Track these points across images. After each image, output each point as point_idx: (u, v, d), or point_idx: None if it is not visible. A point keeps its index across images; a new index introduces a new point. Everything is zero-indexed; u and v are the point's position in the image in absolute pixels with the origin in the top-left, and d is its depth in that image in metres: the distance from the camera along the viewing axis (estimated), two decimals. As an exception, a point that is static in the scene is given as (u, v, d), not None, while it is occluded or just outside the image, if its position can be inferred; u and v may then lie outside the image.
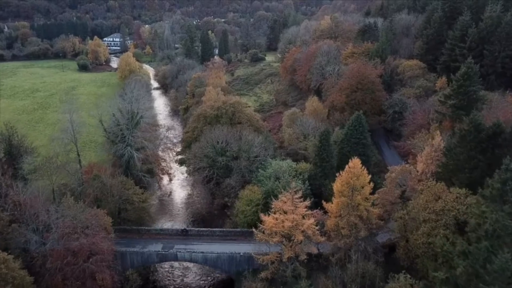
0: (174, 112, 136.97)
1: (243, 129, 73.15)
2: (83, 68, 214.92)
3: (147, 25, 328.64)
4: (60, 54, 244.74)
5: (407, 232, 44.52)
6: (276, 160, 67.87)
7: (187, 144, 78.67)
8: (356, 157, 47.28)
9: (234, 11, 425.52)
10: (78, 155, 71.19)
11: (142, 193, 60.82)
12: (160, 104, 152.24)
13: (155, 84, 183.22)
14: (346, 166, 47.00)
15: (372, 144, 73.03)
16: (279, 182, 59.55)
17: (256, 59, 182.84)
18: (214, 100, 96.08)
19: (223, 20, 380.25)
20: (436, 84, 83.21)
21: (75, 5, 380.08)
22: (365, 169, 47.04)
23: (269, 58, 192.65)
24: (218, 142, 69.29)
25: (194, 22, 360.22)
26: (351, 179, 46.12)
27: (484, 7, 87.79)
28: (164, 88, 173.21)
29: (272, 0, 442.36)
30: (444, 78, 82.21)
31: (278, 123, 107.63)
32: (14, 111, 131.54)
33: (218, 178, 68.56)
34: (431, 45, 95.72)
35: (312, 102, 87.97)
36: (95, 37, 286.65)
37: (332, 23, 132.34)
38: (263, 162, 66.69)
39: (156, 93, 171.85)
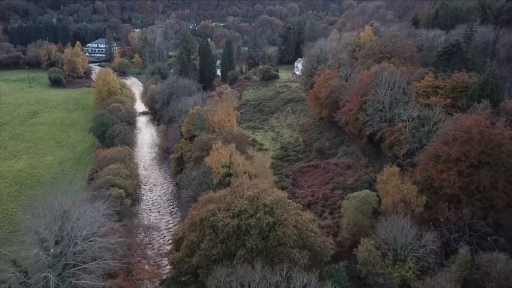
0: (164, 154, 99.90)
1: (293, 261, 36.85)
2: (55, 83, 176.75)
3: (137, 30, 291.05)
4: (27, 66, 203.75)
5: None
6: None
7: (177, 273, 42.06)
8: None
9: (234, 14, 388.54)
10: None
11: None
12: (146, 139, 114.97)
13: (141, 106, 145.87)
14: None
15: None
16: None
17: (268, 77, 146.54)
18: (224, 164, 59.92)
19: (222, 24, 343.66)
20: None
21: (58, 5, 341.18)
22: None
23: (283, 75, 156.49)
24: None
25: (191, 26, 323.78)
26: None
27: None
28: (153, 113, 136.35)
29: (276, 4, 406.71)
30: None
31: (320, 191, 70.75)
32: None
33: None
34: None
35: (395, 180, 51.54)
36: (78, 43, 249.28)
37: (385, 38, 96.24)
38: None
39: (142, 121, 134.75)
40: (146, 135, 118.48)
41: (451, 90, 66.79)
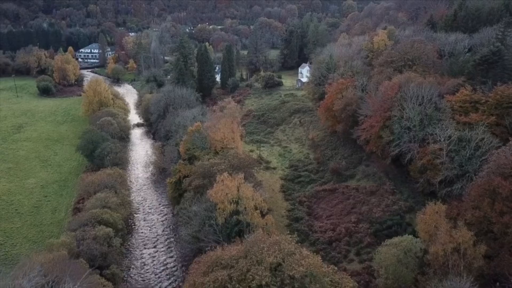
0: (160, 175, 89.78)
1: None
2: (44, 92, 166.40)
3: (131, 34, 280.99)
4: (13, 74, 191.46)
5: None
6: None
7: None
8: None
9: (231, 17, 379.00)
10: None
11: None
12: (140, 156, 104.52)
13: (136, 117, 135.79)
14: None
15: None
16: None
17: (271, 85, 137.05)
18: (231, 199, 50.10)
19: (219, 27, 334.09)
20: None
21: (50, 9, 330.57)
22: None
23: (287, 82, 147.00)
24: None
25: (187, 30, 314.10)
26: None
27: None
28: (149, 125, 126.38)
29: (274, 5, 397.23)
30: None
31: (342, 225, 61.09)
32: None
33: None
34: None
35: (444, 224, 41.82)
36: (70, 48, 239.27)
37: (406, 44, 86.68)
38: None
39: (137, 133, 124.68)
40: (141, 151, 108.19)
41: (495, 106, 57.27)
